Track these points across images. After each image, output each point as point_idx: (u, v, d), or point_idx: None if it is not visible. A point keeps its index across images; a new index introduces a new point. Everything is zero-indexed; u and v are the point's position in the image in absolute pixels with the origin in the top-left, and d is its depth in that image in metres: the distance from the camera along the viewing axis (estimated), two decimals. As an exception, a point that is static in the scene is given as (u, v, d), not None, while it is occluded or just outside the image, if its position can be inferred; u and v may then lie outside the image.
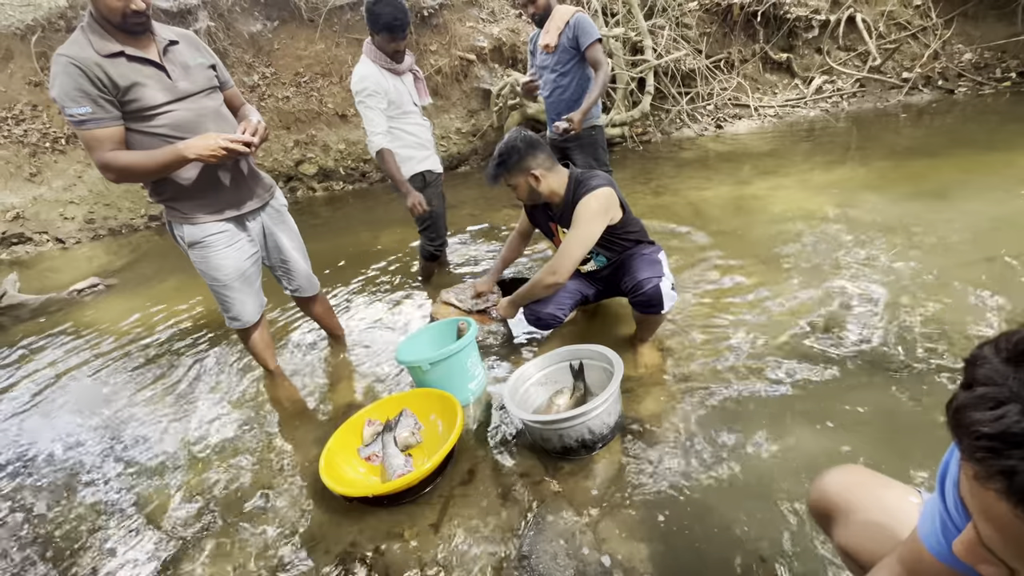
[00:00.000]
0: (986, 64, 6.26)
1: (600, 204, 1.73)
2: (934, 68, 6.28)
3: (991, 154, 3.75)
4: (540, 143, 1.80)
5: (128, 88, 1.49)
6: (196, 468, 1.76)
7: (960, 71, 6.25)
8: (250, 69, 6.28)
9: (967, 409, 0.40)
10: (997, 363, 0.40)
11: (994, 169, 3.43)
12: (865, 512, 0.74)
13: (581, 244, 1.75)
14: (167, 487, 1.69)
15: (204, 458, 1.80)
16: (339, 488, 1.41)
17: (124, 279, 4.17)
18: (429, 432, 1.69)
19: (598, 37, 2.47)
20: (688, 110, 6.26)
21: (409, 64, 2.42)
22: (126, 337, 2.97)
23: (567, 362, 1.74)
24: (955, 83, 6.22)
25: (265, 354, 2.15)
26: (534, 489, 1.43)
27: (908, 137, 4.75)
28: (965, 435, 0.40)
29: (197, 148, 1.53)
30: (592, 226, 1.74)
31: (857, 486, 0.78)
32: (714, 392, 1.67)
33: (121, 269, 4.49)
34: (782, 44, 6.60)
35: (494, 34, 6.25)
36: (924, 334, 1.79)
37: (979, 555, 0.45)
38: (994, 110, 5.25)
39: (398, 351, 1.85)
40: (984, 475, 0.39)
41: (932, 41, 6.36)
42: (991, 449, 0.38)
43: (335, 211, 5.50)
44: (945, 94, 6.13)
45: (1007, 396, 0.38)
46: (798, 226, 2.89)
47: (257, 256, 1.95)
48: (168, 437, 1.96)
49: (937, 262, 2.25)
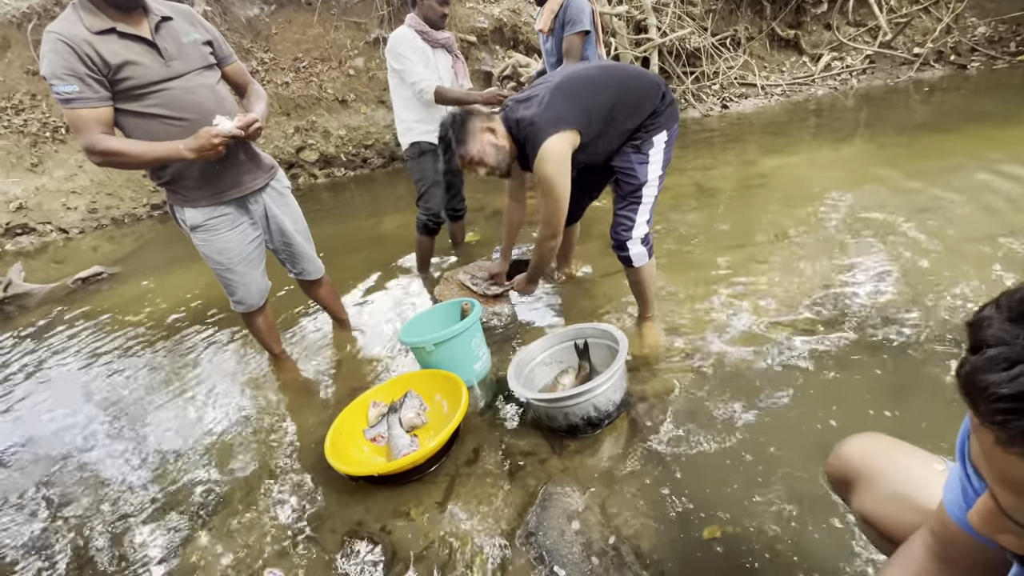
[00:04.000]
0: (1000, 38, 6.09)
1: (554, 164, 1.58)
2: (946, 43, 6.12)
3: (1006, 129, 3.65)
4: (472, 111, 1.69)
5: (120, 66, 1.46)
6: (204, 450, 1.77)
7: (973, 45, 6.08)
8: (248, 55, 6.21)
9: (980, 372, 0.38)
10: (1003, 322, 0.39)
11: (1008, 143, 3.35)
12: (888, 479, 0.72)
13: (558, 203, 1.64)
14: (175, 468, 1.70)
15: (212, 441, 1.81)
16: (345, 468, 1.41)
17: (128, 267, 4.17)
18: (434, 412, 1.68)
19: (583, 28, 2.33)
20: (693, 90, 6.15)
21: (446, 39, 2.41)
22: (132, 324, 2.98)
23: (572, 341, 1.72)
24: (968, 58, 6.06)
25: (270, 338, 2.15)
26: (540, 467, 1.42)
27: (920, 113, 4.64)
28: (981, 399, 0.38)
29: (194, 146, 1.51)
30: (557, 187, 1.61)
31: (879, 453, 0.76)
32: (718, 369, 1.66)
33: (125, 258, 4.50)
34: (790, 20, 6.45)
35: (495, 15, 6.14)
36: (931, 309, 1.76)
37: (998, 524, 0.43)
38: (1008, 84, 5.12)
39: (402, 332, 1.84)
40: (1006, 439, 0.37)
41: (944, 15, 6.19)
42: (1011, 411, 0.36)
43: (337, 197, 5.47)
44: (958, 69, 5.98)
45: (1020, 355, 0.36)
46: (804, 205, 2.84)
47: (260, 239, 1.93)
48: (176, 420, 1.97)
49: (947, 238, 2.21)
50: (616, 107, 1.62)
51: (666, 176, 1.78)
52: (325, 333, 2.42)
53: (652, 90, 1.65)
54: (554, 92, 1.61)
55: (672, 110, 1.71)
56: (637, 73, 1.71)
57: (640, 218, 1.74)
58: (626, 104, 1.63)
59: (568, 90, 1.62)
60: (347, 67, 6.28)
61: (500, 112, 1.74)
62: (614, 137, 1.67)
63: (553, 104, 1.59)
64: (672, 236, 2.73)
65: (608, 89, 1.63)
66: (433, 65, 2.36)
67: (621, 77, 1.67)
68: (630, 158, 1.69)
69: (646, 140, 1.68)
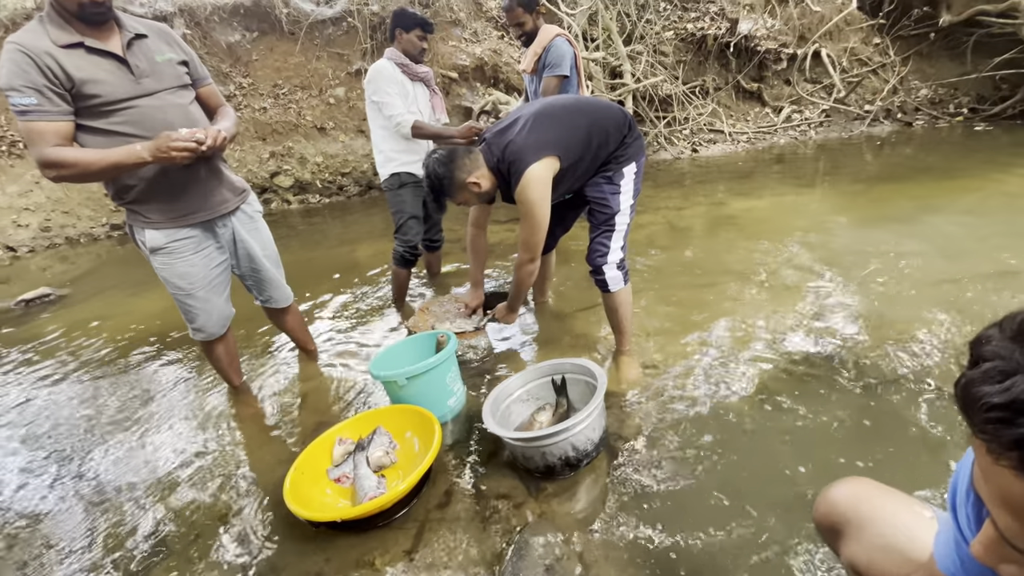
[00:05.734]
0: (940, 99, 6.66)
1: (537, 191, 1.61)
2: (893, 102, 6.65)
3: (947, 181, 3.93)
4: (454, 153, 1.68)
5: (84, 82, 1.40)
6: (148, 492, 1.61)
7: (917, 105, 6.63)
8: (226, 78, 6.17)
9: (975, 384, 0.40)
10: (1002, 341, 0.40)
11: (951, 193, 3.60)
12: (878, 528, 0.71)
13: (538, 228, 1.67)
14: (115, 513, 1.54)
15: (158, 482, 1.66)
16: (304, 512, 1.31)
17: (80, 289, 3.93)
18: (405, 451, 1.59)
19: (562, 73, 2.42)
20: (665, 133, 6.43)
21: (425, 73, 2.44)
22: (76, 350, 2.77)
23: (549, 377, 1.68)
24: (913, 116, 6.59)
25: (230, 369, 2.02)
26: (516, 511, 1.35)
27: (873, 164, 4.96)
28: (974, 409, 0.40)
29: (151, 148, 1.43)
30: (538, 212, 1.64)
31: (866, 500, 0.75)
32: (695, 407, 1.64)
33: (77, 279, 4.24)
34: (753, 74, 6.89)
35: (476, 54, 6.33)
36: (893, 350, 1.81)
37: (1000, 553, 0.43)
38: (949, 141, 5.55)
39: (372, 365, 1.76)
40: (997, 448, 0.38)
41: (891, 77, 6.74)
42: (1002, 420, 0.37)
43: (310, 224, 5.36)
44: (904, 126, 6.48)
45: (1014, 368, 0.38)
46: (773, 246, 2.94)
47: (226, 264, 1.84)
48: (118, 457, 1.80)
49: (904, 282, 2.31)
50: (591, 134, 1.68)
51: (640, 214, 1.83)
52: (291, 364, 2.30)
53: (620, 120, 1.75)
54: (536, 118, 1.67)
55: (639, 142, 1.79)
56: (607, 104, 1.80)
57: (614, 244, 1.79)
58: (599, 132, 1.70)
59: (548, 117, 1.68)
60: (327, 96, 6.31)
61: (480, 145, 1.75)
62: (589, 164, 1.73)
63: (536, 129, 1.64)
64: (646, 273, 2.77)
65: (584, 116, 1.70)
66: (412, 98, 2.37)
67: (593, 107, 1.75)
68: (603, 188, 1.76)
69: (617, 171, 1.75)
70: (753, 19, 6.53)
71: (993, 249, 2.54)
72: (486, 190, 1.70)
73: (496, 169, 1.68)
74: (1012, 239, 2.64)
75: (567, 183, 1.73)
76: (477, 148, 1.74)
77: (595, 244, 1.80)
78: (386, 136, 2.40)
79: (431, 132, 2.34)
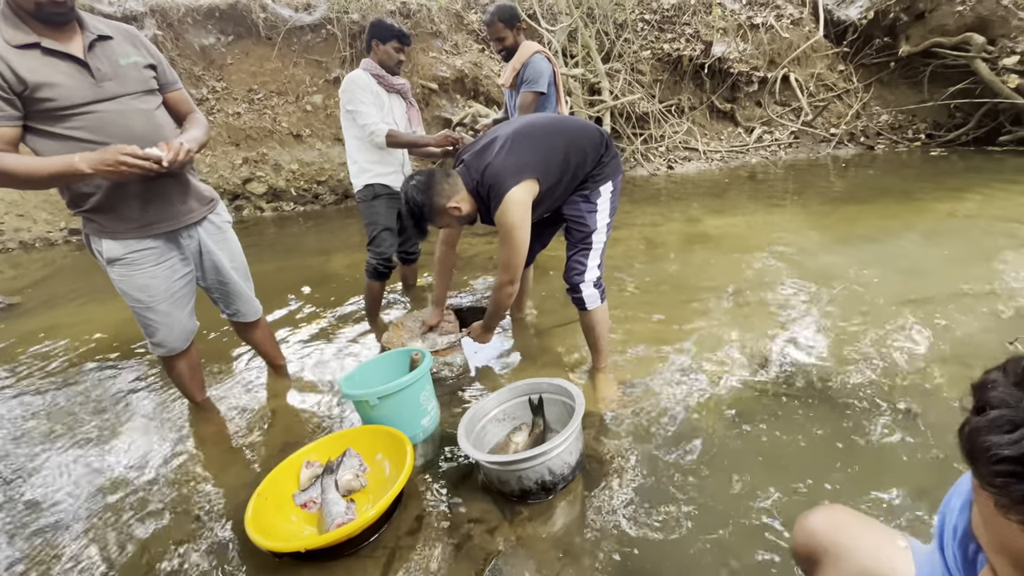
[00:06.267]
0: (900, 125, 6.99)
1: (517, 214, 1.60)
2: (856, 126, 6.95)
3: (906, 203, 4.12)
4: (432, 177, 1.63)
5: (38, 85, 1.33)
6: (94, 520, 1.51)
7: (879, 130, 6.94)
8: (199, 81, 6.01)
9: (982, 432, 0.38)
10: (1008, 386, 0.39)
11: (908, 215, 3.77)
12: (856, 558, 0.71)
13: (517, 251, 1.65)
14: (54, 543, 1.43)
15: (106, 507, 1.55)
16: (266, 543, 1.24)
17: (32, 298, 3.72)
18: (375, 474, 1.54)
19: (538, 89, 2.43)
20: (642, 150, 6.55)
21: (401, 85, 2.42)
22: (24, 363, 2.60)
23: (526, 396, 1.66)
24: (874, 140, 6.90)
25: (192, 385, 1.93)
26: (490, 537, 1.31)
27: (838, 186, 5.15)
28: (982, 460, 0.38)
29: (93, 161, 1.31)
30: (517, 236, 1.63)
31: (844, 529, 0.75)
32: (671, 427, 1.64)
33: (29, 287, 4.02)
34: (726, 95, 7.11)
35: (456, 66, 6.34)
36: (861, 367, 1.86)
37: None
38: (908, 165, 5.82)
39: (344, 383, 1.70)
40: (1006, 503, 0.37)
41: (854, 102, 7.05)
42: (1012, 473, 0.36)
43: (283, 232, 5.24)
44: (867, 149, 6.77)
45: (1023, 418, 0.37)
46: (747, 264, 3.00)
47: (190, 276, 1.76)
48: (65, 479, 1.69)
49: (871, 300, 2.39)
50: (569, 155, 1.68)
51: (617, 230, 1.84)
52: (259, 380, 2.21)
53: (597, 140, 1.75)
54: (514, 139, 1.65)
55: (616, 161, 1.80)
56: (583, 123, 1.81)
57: (591, 262, 1.79)
58: (576, 152, 1.70)
59: (527, 138, 1.66)
60: (304, 103, 6.21)
61: (458, 167, 1.74)
62: (567, 185, 1.73)
63: (514, 151, 1.62)
64: (623, 290, 2.78)
65: (562, 136, 1.70)
66: (387, 108, 2.35)
67: (571, 127, 1.75)
68: (580, 207, 1.76)
69: (593, 190, 1.75)
70: (726, 42, 6.75)
71: (950, 270, 2.66)
72: (466, 213, 1.69)
73: (475, 192, 1.66)
74: (966, 262, 2.77)
75: (546, 204, 1.73)
76: (455, 170, 1.72)
77: (572, 262, 1.80)
78: (360, 147, 2.36)
79: (405, 141, 2.31)
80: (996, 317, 2.16)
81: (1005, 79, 5.85)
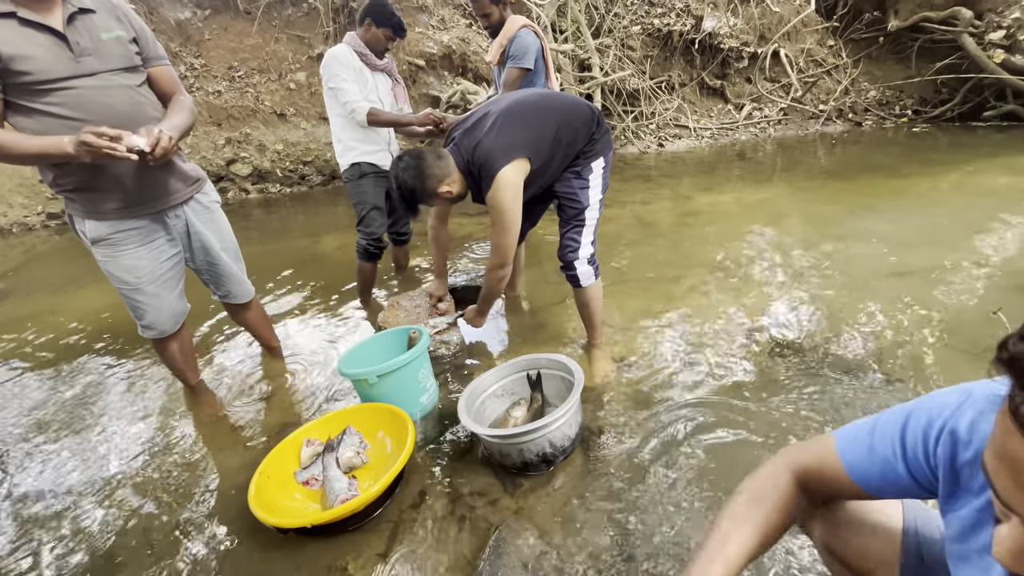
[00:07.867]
0: (887, 101, 7.02)
1: (509, 194, 1.59)
2: (845, 102, 6.96)
3: (893, 180, 4.16)
4: (423, 160, 1.61)
5: (13, 57, 1.27)
6: (95, 504, 1.50)
7: (866, 106, 6.96)
8: (176, 59, 5.80)
9: None
10: None
11: (895, 192, 3.82)
12: (847, 507, 0.73)
13: (509, 231, 1.65)
14: (55, 527, 1.43)
15: (108, 490, 1.55)
16: (271, 519, 1.25)
17: (11, 284, 3.63)
18: (376, 451, 1.55)
19: (525, 66, 2.38)
20: (633, 128, 6.50)
21: (386, 64, 2.36)
22: (8, 351, 2.55)
23: (524, 372, 1.67)
24: (862, 116, 6.92)
25: (185, 368, 1.91)
26: (492, 509, 1.34)
27: (825, 162, 5.19)
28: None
29: (76, 142, 1.25)
30: (509, 217, 1.62)
31: None
32: (667, 400, 1.67)
33: (7, 273, 3.91)
34: (716, 71, 7.05)
35: (444, 41, 6.19)
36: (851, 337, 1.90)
37: None
38: (895, 142, 5.87)
39: (341, 362, 1.70)
40: None
41: (843, 78, 7.05)
42: None
43: (270, 214, 5.15)
44: (855, 126, 6.80)
45: None
46: (738, 240, 3.03)
47: (179, 257, 1.73)
48: (64, 465, 1.68)
49: (859, 274, 2.43)
50: (560, 132, 1.66)
51: (608, 208, 1.84)
52: (253, 362, 2.20)
53: (588, 117, 1.73)
54: (505, 116, 1.63)
55: (607, 137, 1.79)
56: (574, 100, 1.78)
57: (585, 239, 1.79)
58: (568, 130, 1.68)
59: (518, 115, 1.64)
60: (287, 80, 6.03)
61: (448, 145, 1.71)
62: (559, 163, 1.72)
63: (505, 129, 1.60)
64: (616, 267, 2.80)
65: (554, 114, 1.68)
66: (371, 86, 2.28)
67: (561, 104, 1.73)
68: (572, 184, 1.75)
69: (585, 166, 1.74)
70: (716, 16, 6.67)
71: (934, 244, 2.71)
72: (458, 193, 1.68)
73: (466, 170, 1.64)
74: (949, 235, 2.82)
75: (538, 183, 1.71)
76: (445, 148, 1.69)
77: (566, 240, 1.80)
78: (344, 125, 2.30)
79: (388, 119, 2.26)
80: (979, 288, 2.21)
81: (991, 54, 5.88)
